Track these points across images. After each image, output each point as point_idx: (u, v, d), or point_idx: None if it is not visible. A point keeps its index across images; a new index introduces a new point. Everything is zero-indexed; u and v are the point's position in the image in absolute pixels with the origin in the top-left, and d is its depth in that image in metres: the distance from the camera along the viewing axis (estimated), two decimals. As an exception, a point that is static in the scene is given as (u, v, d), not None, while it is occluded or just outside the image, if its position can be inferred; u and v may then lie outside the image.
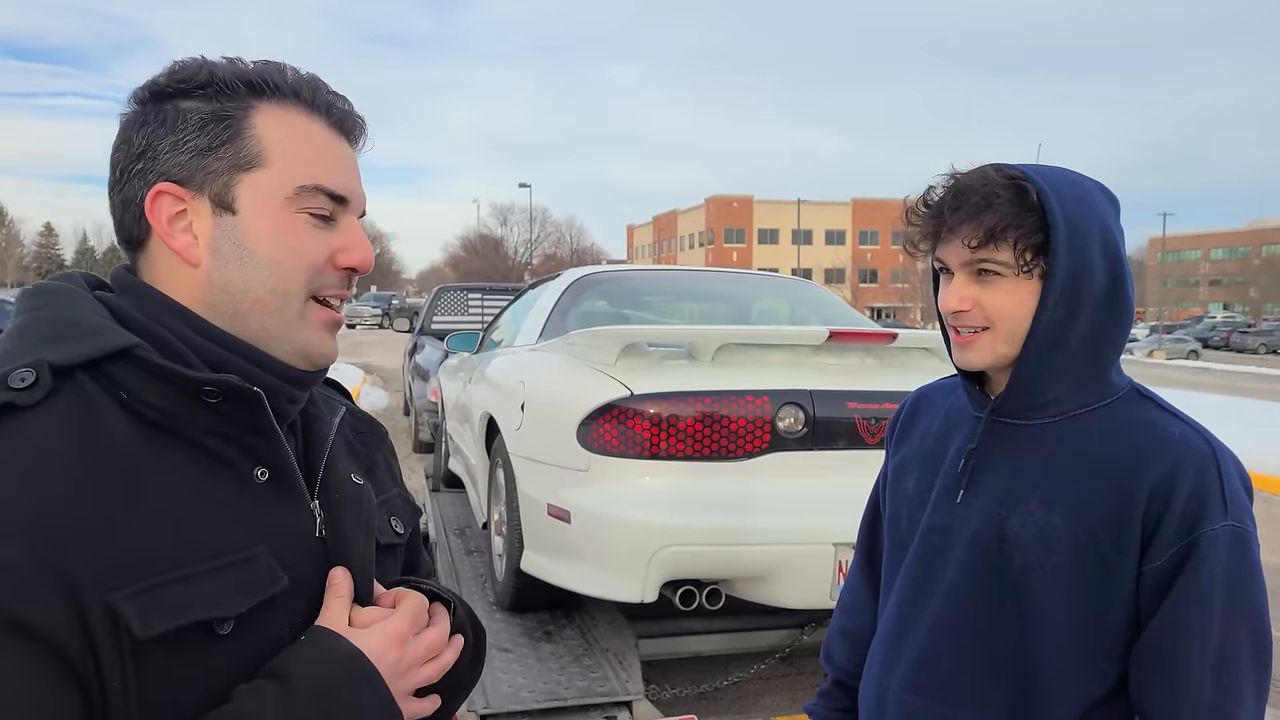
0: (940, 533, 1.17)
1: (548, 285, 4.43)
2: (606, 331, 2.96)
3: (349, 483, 0.90)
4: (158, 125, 0.80)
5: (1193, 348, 40.77)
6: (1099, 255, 1.05)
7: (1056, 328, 1.05)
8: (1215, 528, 1.00)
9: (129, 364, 0.75)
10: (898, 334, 3.04)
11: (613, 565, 2.69)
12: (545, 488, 2.93)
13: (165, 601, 0.70)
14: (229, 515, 0.77)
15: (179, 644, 0.71)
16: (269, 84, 0.82)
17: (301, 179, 0.81)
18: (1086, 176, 1.12)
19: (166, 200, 0.79)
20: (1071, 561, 1.05)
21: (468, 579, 3.75)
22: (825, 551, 2.68)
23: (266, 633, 0.77)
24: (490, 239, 66.05)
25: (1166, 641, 1.02)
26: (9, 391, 0.70)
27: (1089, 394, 1.09)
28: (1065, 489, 1.07)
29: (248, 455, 0.79)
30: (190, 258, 0.80)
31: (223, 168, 0.80)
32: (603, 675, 2.80)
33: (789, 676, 3.90)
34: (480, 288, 10.53)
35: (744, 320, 4.24)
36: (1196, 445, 1.04)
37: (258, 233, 0.80)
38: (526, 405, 3.15)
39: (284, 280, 0.81)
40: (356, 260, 0.85)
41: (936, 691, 1.15)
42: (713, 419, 2.74)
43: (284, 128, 0.82)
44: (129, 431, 0.74)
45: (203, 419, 0.77)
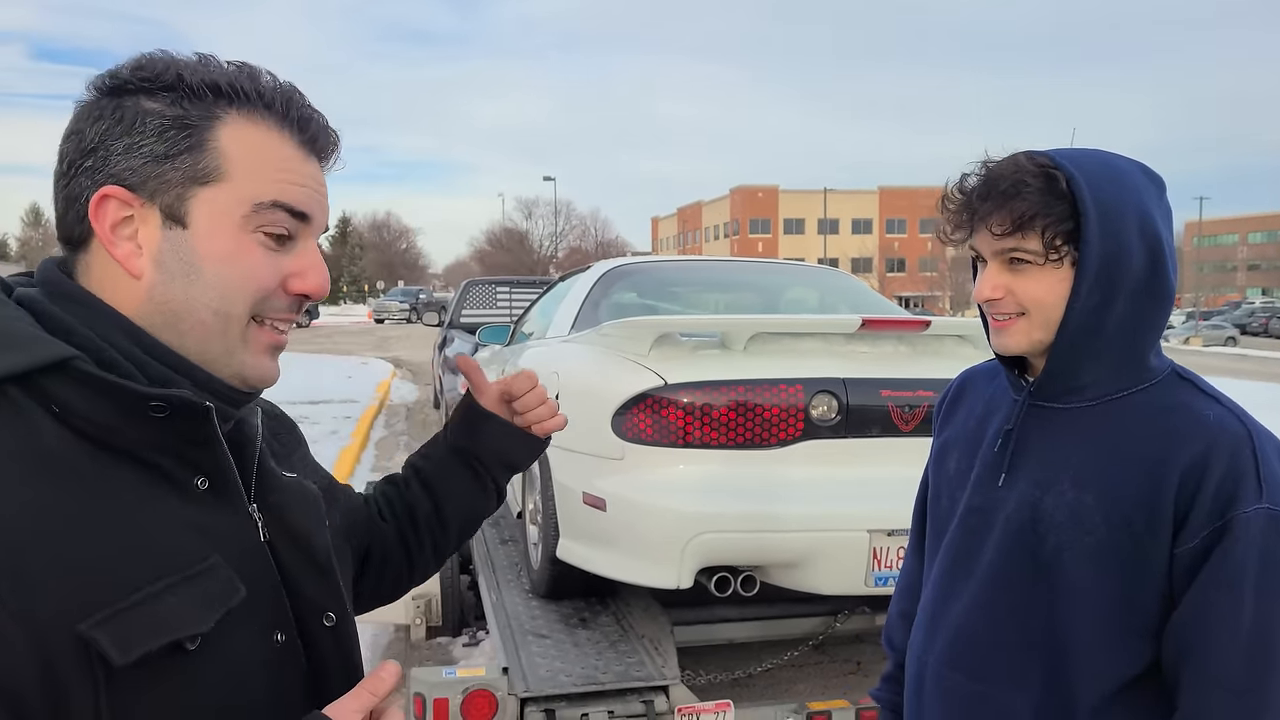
0: (978, 514, 1.19)
1: (578, 277, 4.46)
2: (639, 322, 2.99)
3: (284, 480, 0.88)
4: (114, 123, 0.75)
5: (1230, 334, 40.09)
6: (1136, 239, 1.05)
7: (1092, 314, 1.06)
8: (1249, 510, 1.00)
9: (63, 377, 0.70)
10: (931, 321, 3.04)
11: (648, 552, 2.73)
12: (580, 476, 2.97)
13: (136, 625, 0.67)
14: (177, 528, 0.73)
15: (150, 666, 0.67)
16: (239, 92, 0.77)
17: (260, 195, 0.77)
18: (1125, 158, 1.12)
19: (113, 205, 0.74)
20: (1103, 542, 1.07)
21: (503, 567, 3.81)
22: (859, 538, 2.69)
23: (227, 644, 0.74)
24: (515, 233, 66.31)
25: (1198, 623, 1.03)
26: None
27: (1127, 378, 1.10)
28: (1099, 471, 1.08)
29: (186, 466, 0.76)
30: (132, 268, 0.75)
31: (178, 178, 0.75)
32: (639, 660, 2.84)
33: (821, 664, 3.92)
34: (508, 281, 10.58)
35: (774, 310, 4.24)
36: (1232, 428, 1.04)
37: (208, 251, 0.76)
38: (561, 396, 3.18)
39: (228, 303, 0.77)
40: (310, 286, 0.81)
41: (974, 669, 1.17)
42: (746, 407, 2.76)
43: (248, 141, 0.77)
44: (67, 447, 0.70)
45: (143, 433, 0.73)
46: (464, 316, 9.86)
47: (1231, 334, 40.20)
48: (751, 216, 75.90)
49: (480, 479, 1.17)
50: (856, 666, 3.93)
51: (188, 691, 0.71)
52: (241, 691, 0.75)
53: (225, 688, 0.73)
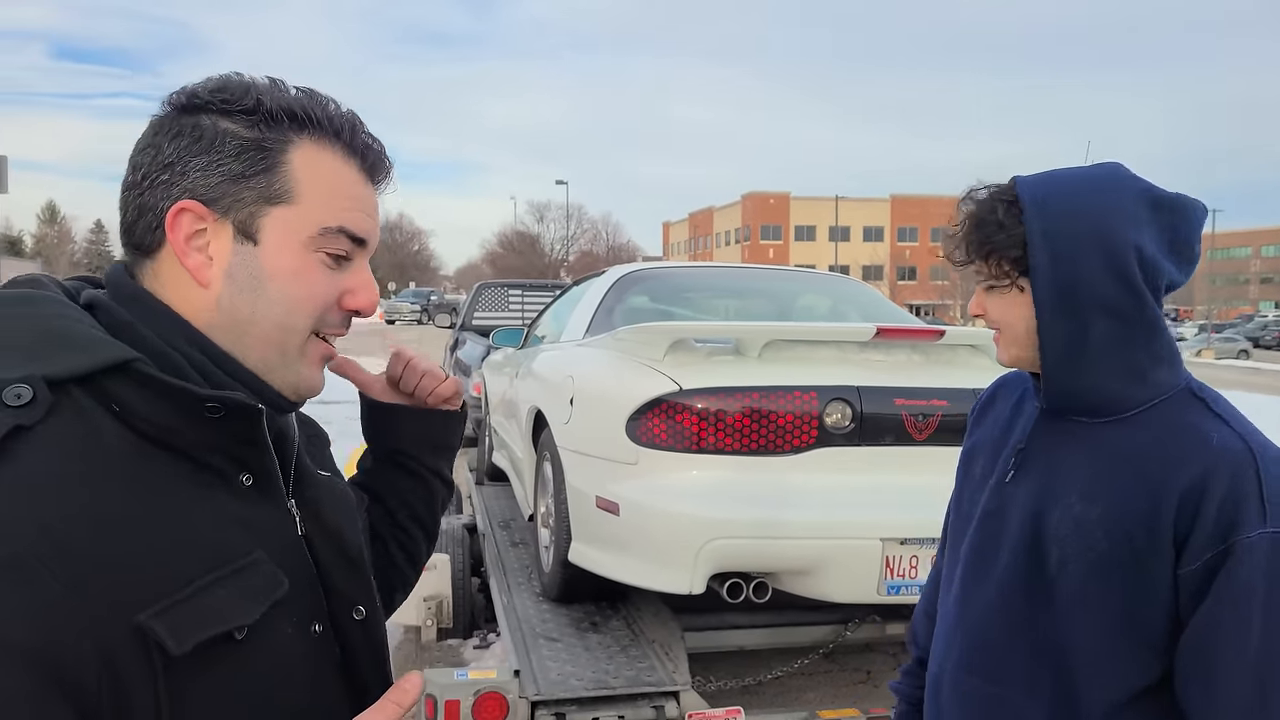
0: (995, 518, 1.21)
1: (593, 282, 4.48)
2: (655, 327, 3.00)
3: (319, 478, 0.92)
4: (193, 140, 0.79)
5: (1243, 347, 39.90)
6: (1096, 260, 1.07)
7: (1072, 337, 1.09)
8: (1251, 535, 1.00)
9: (124, 378, 0.73)
10: (945, 331, 3.04)
11: (661, 557, 2.73)
12: (594, 480, 2.98)
13: (191, 615, 0.70)
14: (225, 523, 0.77)
15: (203, 655, 0.70)
16: (311, 119, 0.81)
17: (325, 220, 0.81)
18: (1116, 179, 1.11)
19: (188, 217, 0.78)
20: (1106, 556, 1.08)
21: (514, 570, 3.82)
22: (872, 547, 2.69)
23: (271, 634, 0.77)
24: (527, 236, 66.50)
25: (1205, 645, 1.03)
26: (10, 411, 0.68)
27: (1134, 395, 1.11)
28: (1104, 487, 1.09)
29: (234, 463, 0.79)
30: (202, 278, 0.79)
31: (252, 197, 0.79)
32: (650, 665, 2.84)
33: (831, 673, 3.92)
34: (520, 284, 10.61)
35: (787, 316, 4.25)
36: (1235, 450, 1.04)
37: (276, 267, 0.80)
38: (575, 399, 3.19)
39: (292, 317, 0.82)
40: (362, 303, 0.85)
41: (990, 673, 1.19)
42: (760, 414, 2.77)
43: (318, 166, 0.81)
44: (126, 446, 0.73)
45: (198, 433, 0.76)
46: (476, 319, 9.89)
47: (1244, 347, 40.00)
48: (763, 223, 75.88)
49: (415, 473, 1.15)
50: (867, 676, 3.93)
51: (237, 680, 0.74)
52: (285, 680, 0.78)
53: (271, 677, 0.77)
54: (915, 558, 2.72)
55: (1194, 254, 1.11)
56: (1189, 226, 1.11)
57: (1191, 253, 1.11)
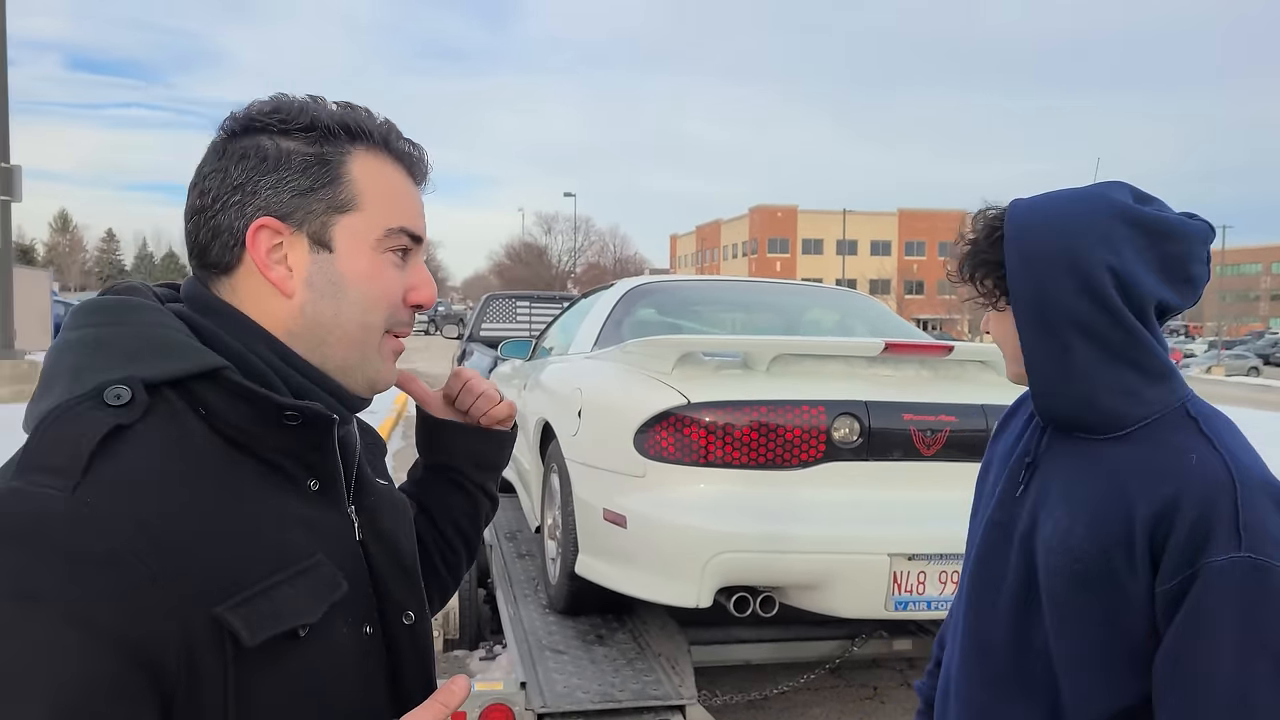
0: (1000, 529, 1.22)
1: (601, 294, 4.50)
2: (663, 340, 3.01)
3: (379, 485, 0.96)
4: (259, 161, 0.83)
5: (1253, 364, 39.70)
6: (1065, 280, 1.08)
7: (1055, 356, 1.12)
8: (1220, 559, 0.98)
9: (213, 384, 0.78)
10: (954, 346, 3.05)
11: (668, 570, 2.73)
12: (601, 493, 2.98)
13: (262, 611, 0.74)
14: (292, 524, 0.81)
15: (270, 650, 0.74)
16: (363, 131, 0.87)
17: (389, 222, 0.87)
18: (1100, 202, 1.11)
19: (266, 234, 0.83)
20: (1089, 571, 1.08)
21: (520, 582, 3.82)
22: (880, 562, 2.69)
23: (330, 634, 0.80)
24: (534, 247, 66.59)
25: (1173, 670, 1.02)
26: (110, 410, 0.73)
27: (1130, 413, 1.10)
28: (1089, 502, 1.10)
29: (303, 468, 0.83)
30: (285, 289, 0.84)
31: (321, 208, 0.84)
32: (656, 679, 2.84)
33: (838, 688, 3.90)
34: (528, 296, 10.62)
35: (794, 330, 4.26)
36: (1213, 473, 1.03)
37: (351, 271, 0.85)
38: (584, 412, 3.20)
39: (370, 315, 0.87)
40: (424, 297, 0.90)
41: (990, 681, 1.20)
42: (768, 428, 2.77)
43: (374, 173, 0.87)
44: (211, 447, 0.78)
45: (276, 438, 0.80)
46: (484, 330, 9.91)
47: (1254, 364, 39.80)
48: (770, 236, 75.94)
49: (463, 487, 1.18)
50: (874, 692, 3.91)
51: (297, 675, 0.78)
52: (339, 679, 0.82)
53: (327, 674, 0.80)
54: (923, 573, 2.72)
55: (1191, 274, 1.10)
56: (1182, 247, 1.10)
57: (1187, 273, 1.10)
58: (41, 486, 0.69)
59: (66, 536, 0.67)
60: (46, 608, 0.65)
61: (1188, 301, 1.12)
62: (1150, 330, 1.10)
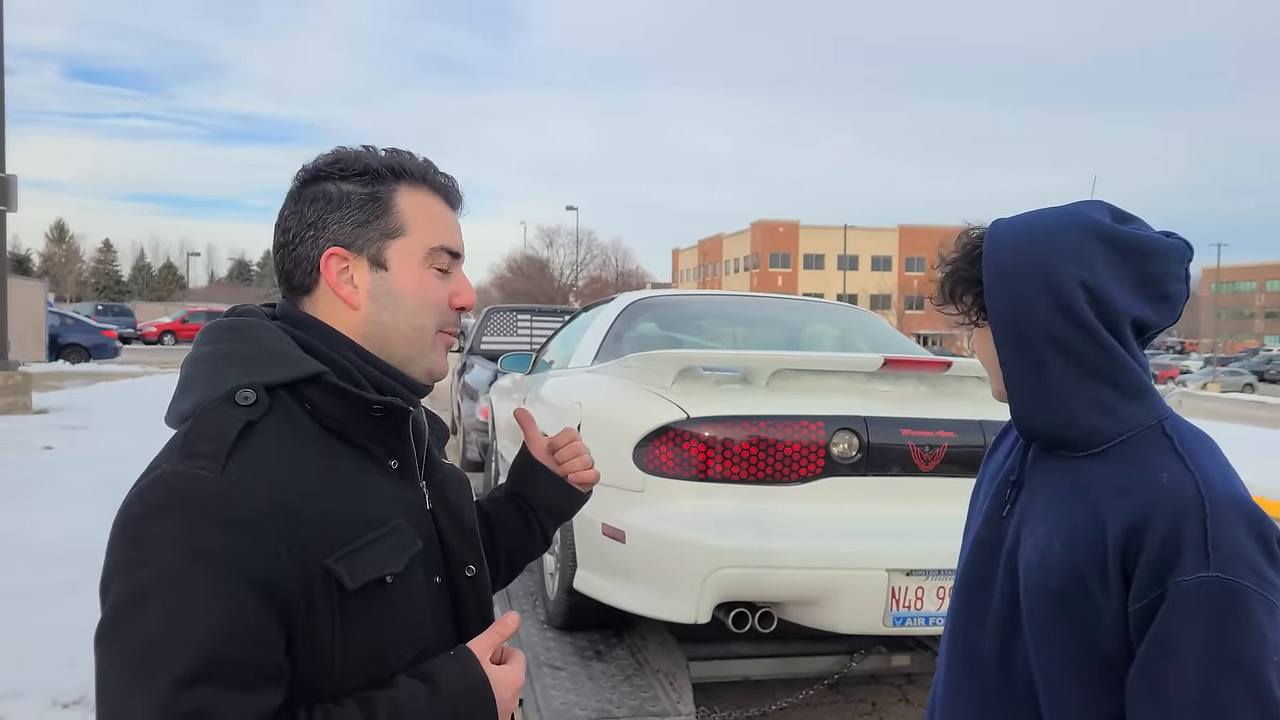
0: (986, 547, 1.23)
1: (602, 308, 4.50)
2: (663, 355, 3.01)
3: (444, 464, 1.17)
4: (325, 203, 1.04)
5: (1248, 380, 39.74)
6: (1041, 298, 1.09)
7: (1030, 372, 1.13)
8: (1188, 579, 0.98)
9: (316, 385, 0.98)
10: (952, 363, 3.05)
11: (667, 585, 2.73)
12: (600, 507, 2.98)
13: (360, 562, 0.95)
14: (380, 496, 1.01)
15: (365, 594, 0.95)
16: (405, 170, 1.07)
17: (431, 242, 1.07)
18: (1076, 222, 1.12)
19: (335, 260, 1.04)
20: (1065, 589, 1.08)
21: (519, 597, 3.81)
22: (878, 577, 2.69)
23: (408, 584, 1.01)
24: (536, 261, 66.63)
25: (1143, 690, 1.02)
26: (243, 409, 0.94)
27: (1106, 430, 1.11)
28: (1065, 521, 1.10)
29: (386, 451, 1.04)
30: (353, 303, 1.05)
31: (376, 236, 1.05)
32: (654, 695, 2.83)
33: (836, 704, 3.88)
34: (529, 309, 10.63)
35: (794, 346, 4.26)
36: (1182, 492, 1.02)
37: (404, 285, 1.06)
38: (583, 426, 3.20)
39: (422, 319, 1.07)
40: (466, 301, 1.12)
41: (976, 698, 1.21)
42: (767, 443, 2.77)
43: (417, 204, 1.07)
44: (316, 436, 0.98)
45: (364, 426, 1.01)
46: (484, 344, 9.91)
47: (1249, 380, 39.85)
48: (772, 251, 76.09)
49: (529, 522, 1.37)
50: (872, 708, 3.89)
51: (386, 613, 0.98)
52: (418, 619, 1.03)
53: (408, 615, 1.01)
54: (921, 589, 2.72)
55: (1168, 292, 1.11)
56: (1158, 265, 1.10)
57: (1164, 290, 1.10)
58: (198, 469, 0.89)
59: (220, 505, 0.88)
60: (209, 560, 0.86)
61: (1165, 320, 1.12)
62: (1126, 347, 1.10)
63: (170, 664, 0.83)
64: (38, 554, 5.25)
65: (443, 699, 0.97)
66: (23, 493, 6.90)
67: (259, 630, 0.88)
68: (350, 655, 0.95)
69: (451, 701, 0.98)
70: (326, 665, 0.94)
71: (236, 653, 0.86)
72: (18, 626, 4.09)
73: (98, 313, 34.91)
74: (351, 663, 0.96)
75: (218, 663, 0.85)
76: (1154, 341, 1.41)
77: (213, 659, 0.84)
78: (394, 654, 1.00)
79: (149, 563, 0.87)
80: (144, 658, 0.84)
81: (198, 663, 0.84)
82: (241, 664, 0.86)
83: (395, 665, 0.99)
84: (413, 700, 0.96)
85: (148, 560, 0.87)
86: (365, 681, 0.97)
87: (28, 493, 6.91)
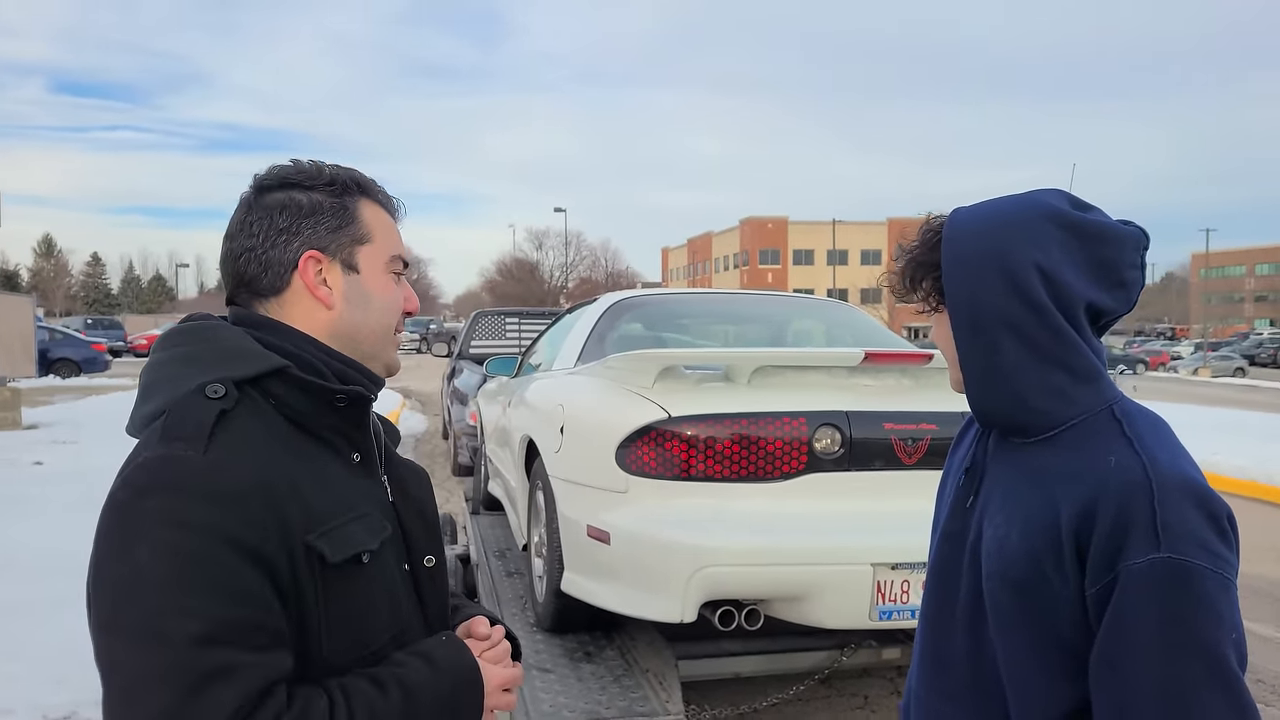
0: (952, 540, 1.23)
1: (585, 309, 4.50)
2: (644, 355, 3.01)
3: (402, 460, 1.22)
4: (297, 209, 1.10)
5: (1239, 365, 39.92)
6: (996, 281, 1.10)
7: (983, 356, 1.13)
8: (1138, 561, 0.98)
9: (279, 378, 1.04)
10: (933, 355, 3.05)
11: (652, 586, 2.73)
12: (585, 509, 2.98)
13: (340, 539, 1.01)
14: (349, 485, 1.07)
15: (345, 569, 1.01)
16: (360, 185, 1.15)
17: (391, 250, 1.16)
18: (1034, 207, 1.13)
19: (313, 263, 1.10)
20: (1024, 576, 1.08)
21: (508, 600, 3.80)
22: (863, 572, 2.69)
23: (383, 563, 1.08)
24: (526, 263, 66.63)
25: (1103, 673, 1.02)
26: (215, 401, 0.99)
27: (1057, 414, 1.11)
28: (1019, 508, 1.11)
29: (349, 444, 1.10)
30: (329, 303, 1.11)
31: (348, 241, 1.12)
32: (643, 695, 2.83)
33: (829, 698, 3.89)
34: (517, 312, 10.62)
35: (779, 342, 4.27)
36: (1129, 474, 1.02)
37: (372, 287, 1.14)
38: (566, 428, 3.20)
39: (387, 318, 1.15)
40: (413, 306, 1.20)
41: (944, 690, 1.22)
42: (750, 440, 2.77)
43: (375, 215, 1.15)
44: (284, 430, 1.04)
45: (328, 418, 1.07)
46: (473, 347, 9.90)
47: (1240, 365, 40.03)
48: (761, 247, 76.13)
49: None
50: (864, 701, 3.90)
51: (365, 592, 1.04)
52: (392, 598, 1.09)
53: (383, 593, 1.07)
54: (906, 582, 2.72)
55: (1124, 278, 1.11)
56: (1114, 251, 1.11)
57: (1119, 276, 1.11)
58: (180, 451, 0.94)
59: (206, 481, 0.92)
60: (199, 531, 0.90)
61: (1121, 306, 1.12)
62: (1080, 332, 1.11)
63: (183, 628, 0.87)
64: (27, 569, 5.23)
65: (443, 673, 1.05)
66: (12, 508, 6.87)
67: (260, 595, 0.92)
68: (335, 632, 1.00)
69: (451, 676, 1.06)
70: (315, 642, 0.98)
71: (245, 616, 0.90)
72: (6, 642, 4.08)
73: (87, 326, 34.76)
74: (338, 639, 1.00)
75: (229, 625, 0.89)
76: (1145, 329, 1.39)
77: (223, 621, 0.88)
78: (376, 633, 1.05)
79: (143, 541, 0.90)
80: (156, 629, 0.87)
81: (210, 625, 0.88)
82: (251, 626, 0.90)
83: (377, 644, 1.05)
84: (418, 674, 1.03)
85: (141, 539, 0.90)
86: (353, 660, 1.02)
87: (17, 508, 6.88)
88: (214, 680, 0.86)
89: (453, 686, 1.05)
